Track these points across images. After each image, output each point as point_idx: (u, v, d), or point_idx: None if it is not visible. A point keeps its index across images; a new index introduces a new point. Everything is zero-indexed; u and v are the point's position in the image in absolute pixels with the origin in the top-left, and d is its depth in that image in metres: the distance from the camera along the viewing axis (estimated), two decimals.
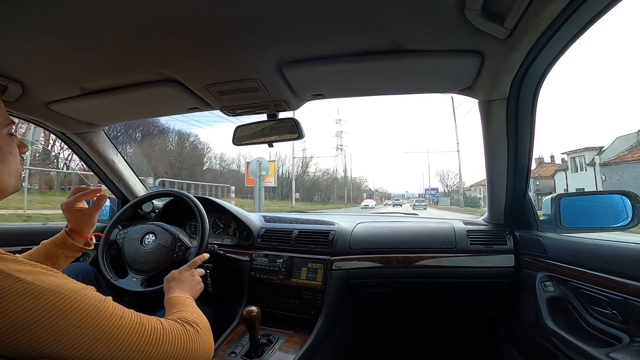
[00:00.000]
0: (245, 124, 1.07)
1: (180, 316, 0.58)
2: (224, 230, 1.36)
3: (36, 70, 0.77)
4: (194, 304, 0.69)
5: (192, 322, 0.56)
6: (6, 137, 0.53)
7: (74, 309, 0.42)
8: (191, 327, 0.55)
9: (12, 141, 0.54)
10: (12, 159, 0.53)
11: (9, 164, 0.53)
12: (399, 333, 1.41)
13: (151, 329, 0.48)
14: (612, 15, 0.56)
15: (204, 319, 0.62)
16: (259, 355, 0.94)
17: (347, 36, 0.67)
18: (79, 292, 0.44)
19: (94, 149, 1.27)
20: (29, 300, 0.39)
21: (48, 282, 0.42)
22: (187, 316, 0.58)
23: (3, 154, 0.52)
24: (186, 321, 0.56)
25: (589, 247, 0.79)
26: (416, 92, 0.96)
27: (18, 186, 0.55)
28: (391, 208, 27.94)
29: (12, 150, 0.53)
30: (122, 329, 0.45)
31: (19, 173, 0.55)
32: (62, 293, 0.42)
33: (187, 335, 0.53)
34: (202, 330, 0.57)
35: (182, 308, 0.65)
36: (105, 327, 0.44)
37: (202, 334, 0.56)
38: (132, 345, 0.45)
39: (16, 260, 0.43)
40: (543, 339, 0.86)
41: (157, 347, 0.48)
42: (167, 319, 0.55)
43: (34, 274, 0.42)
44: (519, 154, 0.95)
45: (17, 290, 0.39)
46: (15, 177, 0.54)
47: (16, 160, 0.54)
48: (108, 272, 1.05)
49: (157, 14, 0.57)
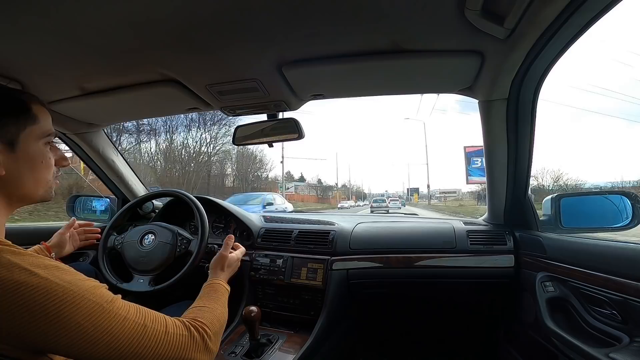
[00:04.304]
0: (246, 124, 1.08)
1: (195, 316, 0.58)
2: (224, 230, 1.36)
3: (36, 70, 0.77)
4: (224, 298, 0.71)
5: (202, 327, 0.56)
6: (42, 147, 0.53)
7: (81, 307, 0.43)
8: (198, 333, 0.55)
9: (47, 151, 0.54)
10: (43, 169, 0.53)
11: (39, 173, 0.52)
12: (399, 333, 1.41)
13: (153, 333, 0.49)
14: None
15: (220, 320, 0.63)
16: (259, 355, 0.94)
17: (347, 36, 0.67)
18: (89, 291, 0.44)
19: (94, 149, 1.27)
20: (40, 294, 0.40)
21: (61, 278, 0.43)
22: (203, 318, 0.58)
23: (34, 162, 0.52)
24: (196, 326, 0.56)
25: (588, 247, 0.79)
26: (416, 92, 0.97)
27: (46, 197, 0.54)
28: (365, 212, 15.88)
29: (44, 160, 0.53)
30: (124, 331, 0.46)
31: (49, 184, 0.54)
32: (72, 290, 0.43)
33: (191, 342, 0.53)
34: (210, 337, 0.56)
35: (208, 303, 0.66)
36: (108, 328, 0.44)
37: (207, 341, 0.56)
38: (131, 347, 0.46)
39: (33, 255, 0.44)
40: (543, 339, 0.86)
41: (155, 350, 0.48)
42: (177, 320, 0.55)
43: (49, 269, 0.43)
44: (519, 154, 0.95)
45: (30, 284, 0.40)
46: (44, 188, 0.54)
47: (48, 171, 0.54)
48: (112, 278, 1.05)
49: (157, 14, 0.57)
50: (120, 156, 1.38)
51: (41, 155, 0.53)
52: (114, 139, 9.64)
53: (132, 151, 16.47)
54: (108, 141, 1.32)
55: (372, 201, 26.03)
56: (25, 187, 0.51)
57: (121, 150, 1.40)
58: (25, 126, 0.50)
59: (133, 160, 15.55)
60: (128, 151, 15.86)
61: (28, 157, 0.51)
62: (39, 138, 0.52)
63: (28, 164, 0.51)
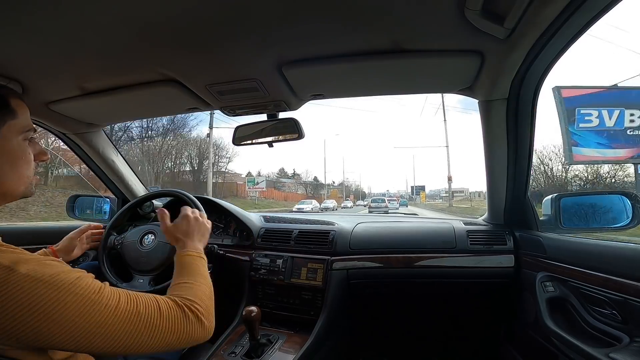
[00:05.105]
0: (245, 124, 1.07)
1: (184, 295, 0.57)
2: (224, 230, 1.36)
3: (36, 70, 0.77)
4: (204, 268, 0.68)
5: (194, 306, 0.55)
6: (22, 143, 0.52)
7: (67, 301, 0.42)
8: (191, 312, 0.54)
9: (27, 147, 0.53)
10: (23, 165, 0.52)
11: (19, 169, 0.52)
12: (399, 333, 1.41)
13: (147, 317, 0.48)
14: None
15: (208, 295, 0.62)
16: (259, 355, 0.94)
17: (347, 36, 0.67)
18: (73, 284, 0.44)
19: (94, 149, 1.27)
20: (24, 292, 0.40)
21: (42, 272, 0.42)
22: (193, 296, 0.57)
23: (14, 158, 0.51)
24: (187, 304, 0.55)
25: (588, 247, 0.79)
26: (416, 92, 0.97)
27: (27, 193, 0.54)
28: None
29: (25, 156, 0.53)
30: (117, 320, 0.45)
31: (29, 180, 0.54)
32: (55, 284, 0.42)
33: (186, 322, 0.53)
34: (203, 314, 0.56)
35: (189, 278, 0.64)
36: (100, 320, 0.44)
37: (202, 318, 0.55)
38: (128, 336, 0.46)
39: (15, 252, 0.43)
40: (543, 339, 0.86)
41: (153, 336, 0.48)
42: (169, 300, 0.54)
43: (31, 264, 0.42)
44: (519, 154, 0.95)
45: (11, 282, 0.40)
46: (24, 184, 0.53)
47: (28, 167, 0.53)
48: (112, 278, 1.05)
49: (157, 14, 0.57)
50: (120, 156, 1.38)
51: (21, 151, 0.52)
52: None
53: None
54: (108, 141, 1.32)
55: (370, 201, 25.27)
56: (7, 183, 0.50)
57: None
58: (5, 121, 0.49)
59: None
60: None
61: (8, 152, 0.50)
62: (18, 133, 0.51)
63: (8, 160, 0.50)
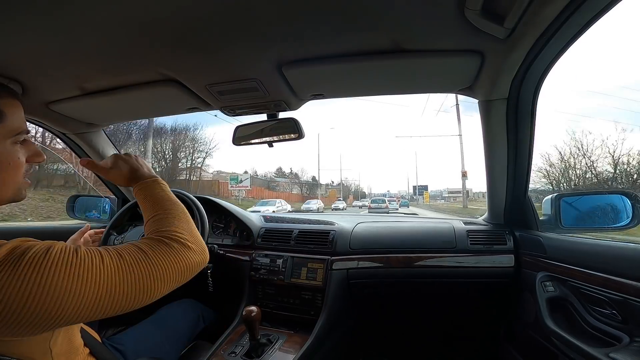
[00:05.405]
0: (245, 124, 1.08)
1: (158, 229, 0.54)
2: (224, 230, 1.36)
3: (36, 70, 0.77)
4: (165, 191, 0.64)
5: (174, 235, 0.53)
6: (9, 147, 0.49)
7: (55, 272, 0.39)
8: (174, 241, 0.52)
9: (16, 150, 0.50)
10: (10, 171, 0.49)
11: (5, 175, 0.49)
12: (399, 333, 1.41)
13: (132, 262, 0.46)
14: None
15: (182, 217, 0.58)
16: (259, 355, 0.94)
17: (347, 36, 0.67)
18: (51, 255, 0.40)
19: (94, 149, 1.27)
20: (12, 284, 0.37)
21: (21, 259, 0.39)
22: (168, 226, 0.54)
23: (0, 163, 0.48)
24: (167, 235, 0.52)
25: (588, 247, 0.79)
26: (416, 92, 0.96)
27: (16, 198, 0.51)
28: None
29: (13, 161, 0.49)
30: (102, 276, 0.43)
31: (16, 185, 0.51)
32: (35, 263, 0.39)
33: (172, 252, 0.50)
34: (188, 239, 0.54)
35: (157, 210, 0.59)
36: (86, 281, 0.41)
37: (189, 244, 0.53)
38: (117, 286, 0.43)
39: None
40: (543, 338, 0.86)
41: (150, 275, 0.46)
42: (146, 239, 0.51)
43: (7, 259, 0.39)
44: (519, 154, 0.95)
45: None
46: (12, 189, 0.50)
47: (16, 172, 0.50)
48: None
49: (157, 14, 0.57)
50: None
51: (8, 157, 0.48)
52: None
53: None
54: (108, 141, 1.32)
55: (370, 201, 24.52)
56: None
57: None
58: None
59: None
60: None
61: None
62: (6, 137, 0.48)
63: None
